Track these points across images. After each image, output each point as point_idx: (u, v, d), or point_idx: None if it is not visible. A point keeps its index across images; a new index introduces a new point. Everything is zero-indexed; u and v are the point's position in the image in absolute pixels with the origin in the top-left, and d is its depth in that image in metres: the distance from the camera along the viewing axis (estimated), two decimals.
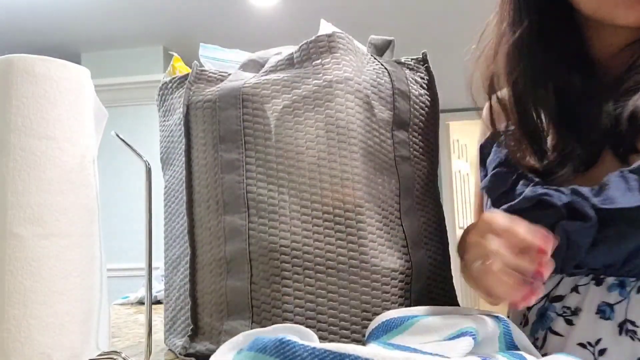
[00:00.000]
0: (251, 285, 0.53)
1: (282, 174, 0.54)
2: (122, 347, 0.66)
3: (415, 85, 0.63)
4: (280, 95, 0.56)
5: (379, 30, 1.44)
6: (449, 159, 4.98)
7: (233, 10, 3.18)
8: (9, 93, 0.45)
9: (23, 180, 0.44)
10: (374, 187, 0.55)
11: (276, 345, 0.34)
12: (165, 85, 0.66)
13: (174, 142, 0.63)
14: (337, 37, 0.57)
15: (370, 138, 0.56)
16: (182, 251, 0.59)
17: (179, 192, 0.61)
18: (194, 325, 0.56)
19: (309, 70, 0.57)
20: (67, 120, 0.47)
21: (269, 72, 0.59)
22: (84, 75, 0.49)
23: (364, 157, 0.55)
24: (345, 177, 0.54)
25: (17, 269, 0.43)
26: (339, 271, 0.53)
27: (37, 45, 3.62)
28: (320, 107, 0.55)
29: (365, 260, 0.53)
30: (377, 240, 0.54)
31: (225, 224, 0.55)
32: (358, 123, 0.56)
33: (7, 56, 0.46)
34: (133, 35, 3.60)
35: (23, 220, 0.43)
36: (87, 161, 0.48)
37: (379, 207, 0.55)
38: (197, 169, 0.58)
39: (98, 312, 0.48)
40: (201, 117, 0.58)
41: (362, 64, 0.59)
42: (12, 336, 0.42)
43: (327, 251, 0.53)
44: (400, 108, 0.60)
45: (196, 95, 0.59)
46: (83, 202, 0.47)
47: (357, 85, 0.56)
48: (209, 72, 0.61)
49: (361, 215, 0.54)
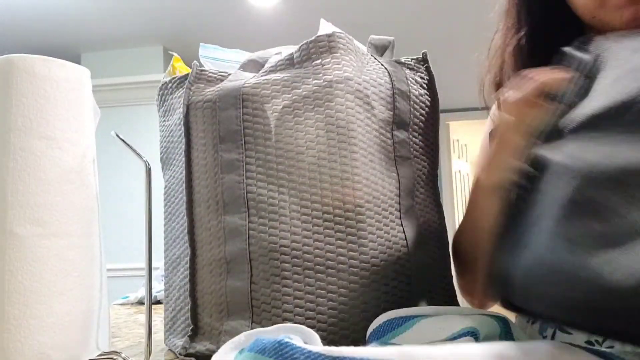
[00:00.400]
0: (251, 285, 0.53)
1: (282, 174, 0.54)
2: (122, 347, 0.66)
3: (416, 85, 0.63)
4: (280, 95, 0.56)
5: (379, 30, 1.43)
6: (449, 159, 4.98)
7: (233, 10, 3.18)
8: (9, 93, 0.45)
9: (23, 180, 0.44)
10: (374, 187, 0.56)
11: (275, 347, 0.34)
12: (165, 85, 0.66)
13: (174, 142, 0.63)
14: (337, 37, 0.57)
15: (370, 138, 0.56)
16: (182, 251, 0.59)
17: (179, 192, 0.61)
18: (194, 326, 0.56)
19: (309, 70, 0.57)
20: (67, 120, 0.47)
21: (269, 72, 0.59)
22: (84, 75, 0.49)
23: (364, 157, 0.55)
24: (345, 177, 0.54)
25: (17, 269, 0.43)
26: (339, 271, 0.53)
27: (37, 45, 3.62)
28: (320, 107, 0.55)
29: (365, 261, 0.53)
30: (377, 241, 0.54)
31: (225, 224, 0.55)
32: (358, 123, 0.56)
33: (8, 56, 0.46)
34: (133, 35, 3.60)
35: (23, 220, 0.43)
36: (87, 161, 0.48)
37: (379, 207, 0.55)
38: (197, 169, 0.58)
39: (98, 312, 0.48)
40: (201, 117, 0.58)
41: (362, 64, 0.59)
42: (12, 336, 0.42)
43: (327, 251, 0.53)
44: (401, 108, 0.60)
45: (196, 95, 0.59)
46: (83, 202, 0.47)
47: (357, 85, 0.57)
48: (208, 72, 0.61)
49: (361, 215, 0.54)
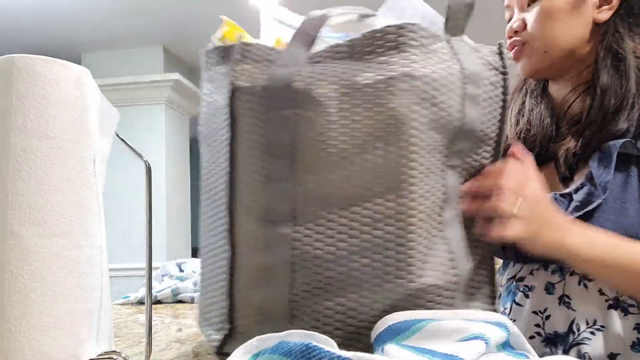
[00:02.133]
0: (292, 294, 0.51)
1: (333, 182, 0.51)
2: (122, 347, 0.66)
3: (489, 87, 0.57)
4: (334, 90, 0.51)
5: None
6: None
7: (233, 10, 3.18)
8: (10, 93, 0.45)
9: (23, 180, 0.44)
10: (424, 196, 0.52)
11: (302, 350, 0.34)
12: (210, 52, 0.60)
13: (217, 124, 0.58)
14: (408, 30, 0.52)
15: (429, 143, 0.52)
16: (220, 245, 0.57)
17: (221, 183, 0.56)
18: (230, 325, 0.54)
19: (371, 64, 0.52)
20: (67, 120, 0.47)
21: (325, 59, 0.53)
22: (84, 75, 0.49)
23: (421, 165, 0.52)
24: (400, 190, 0.51)
25: (17, 269, 0.43)
26: (385, 284, 0.50)
27: (37, 46, 3.62)
28: (379, 107, 0.51)
29: (412, 272, 0.50)
30: (423, 251, 0.52)
31: (269, 231, 0.52)
32: (418, 127, 0.51)
33: (8, 56, 0.46)
34: (133, 36, 3.60)
35: (23, 220, 0.43)
36: (87, 161, 0.48)
37: (428, 216, 0.53)
38: (240, 170, 0.54)
39: (98, 312, 0.48)
40: (248, 109, 0.53)
41: (432, 61, 0.53)
42: (12, 336, 0.42)
43: (373, 260, 0.50)
44: (469, 115, 0.55)
45: (242, 81, 0.53)
46: (84, 202, 0.47)
47: (422, 85, 0.51)
48: (255, 51, 0.55)
49: (412, 225, 0.51)
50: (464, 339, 0.43)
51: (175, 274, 1.29)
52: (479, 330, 0.43)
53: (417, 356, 0.40)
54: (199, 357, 0.60)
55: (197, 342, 0.69)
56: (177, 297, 1.17)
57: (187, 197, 4.11)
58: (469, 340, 0.42)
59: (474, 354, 0.40)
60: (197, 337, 0.73)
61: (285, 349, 0.35)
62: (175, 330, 0.79)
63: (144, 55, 3.78)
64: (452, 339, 0.44)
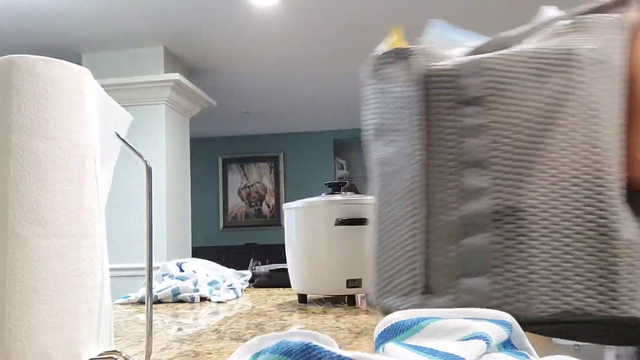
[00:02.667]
0: (493, 244, 0.53)
1: (531, 137, 0.54)
2: (122, 346, 0.66)
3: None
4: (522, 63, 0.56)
5: (379, 30, 1.43)
6: None
7: (233, 10, 3.18)
8: (10, 93, 0.45)
9: (24, 180, 0.44)
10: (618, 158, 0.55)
11: (302, 349, 0.34)
12: (382, 56, 0.66)
13: (396, 111, 0.63)
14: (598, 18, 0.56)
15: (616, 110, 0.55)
16: (407, 211, 0.60)
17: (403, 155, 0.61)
18: (425, 283, 0.56)
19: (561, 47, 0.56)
20: (68, 120, 0.47)
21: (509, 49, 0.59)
22: (85, 75, 0.49)
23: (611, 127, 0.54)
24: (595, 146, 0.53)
25: (18, 269, 0.43)
26: (587, 238, 0.52)
27: (37, 46, 3.62)
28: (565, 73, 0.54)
29: (613, 229, 0.52)
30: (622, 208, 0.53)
31: (465, 185, 0.55)
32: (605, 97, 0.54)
33: (8, 56, 0.46)
34: (133, 35, 3.60)
35: (24, 220, 0.44)
36: (87, 161, 0.48)
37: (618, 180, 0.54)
38: (433, 134, 0.58)
39: (99, 312, 0.48)
40: (439, 84, 0.58)
41: None
42: (13, 336, 0.42)
43: (574, 216, 0.52)
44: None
45: (431, 66, 0.60)
46: (84, 202, 0.47)
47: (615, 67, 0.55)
48: (437, 50, 0.62)
49: (612, 183, 0.52)
50: (466, 337, 0.43)
51: (176, 274, 1.30)
52: (480, 329, 0.43)
53: (417, 355, 0.40)
54: (199, 357, 0.60)
55: (197, 342, 0.69)
56: (178, 297, 1.17)
57: (187, 197, 4.11)
58: (471, 340, 0.43)
59: (475, 354, 0.40)
60: (197, 337, 0.73)
61: (285, 348, 0.35)
62: (175, 330, 0.79)
63: (144, 56, 3.78)
64: (453, 337, 0.44)
